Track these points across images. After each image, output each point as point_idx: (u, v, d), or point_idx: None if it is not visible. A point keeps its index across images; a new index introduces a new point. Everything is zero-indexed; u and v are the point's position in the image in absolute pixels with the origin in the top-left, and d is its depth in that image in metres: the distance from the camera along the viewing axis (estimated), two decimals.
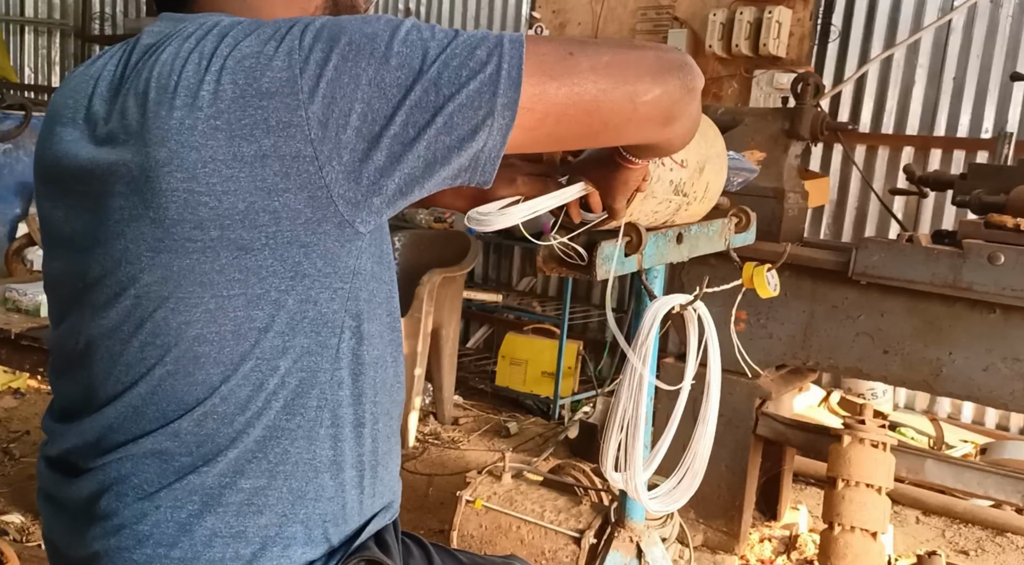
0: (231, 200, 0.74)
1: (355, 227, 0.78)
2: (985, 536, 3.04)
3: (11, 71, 6.18)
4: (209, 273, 0.76)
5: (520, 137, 0.77)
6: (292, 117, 0.72)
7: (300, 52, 0.73)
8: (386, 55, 0.73)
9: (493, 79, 0.74)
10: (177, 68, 0.75)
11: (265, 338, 0.79)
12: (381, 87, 0.72)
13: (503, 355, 4.21)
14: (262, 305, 0.78)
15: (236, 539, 0.83)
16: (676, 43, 4.23)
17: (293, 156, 0.73)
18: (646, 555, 1.68)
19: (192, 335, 0.78)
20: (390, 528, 1.00)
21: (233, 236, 0.75)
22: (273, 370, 0.80)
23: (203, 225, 0.75)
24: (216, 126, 0.73)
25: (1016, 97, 3.67)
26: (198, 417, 0.80)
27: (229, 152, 0.73)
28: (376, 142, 0.73)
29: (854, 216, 4.03)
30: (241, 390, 0.80)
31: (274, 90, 0.72)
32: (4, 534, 2.55)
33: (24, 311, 2.45)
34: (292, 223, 0.75)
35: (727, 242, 1.48)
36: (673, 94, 0.81)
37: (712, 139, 1.28)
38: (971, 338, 2.31)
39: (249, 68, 0.73)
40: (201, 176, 0.73)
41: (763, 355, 2.59)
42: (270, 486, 0.83)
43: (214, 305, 0.77)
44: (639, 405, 1.28)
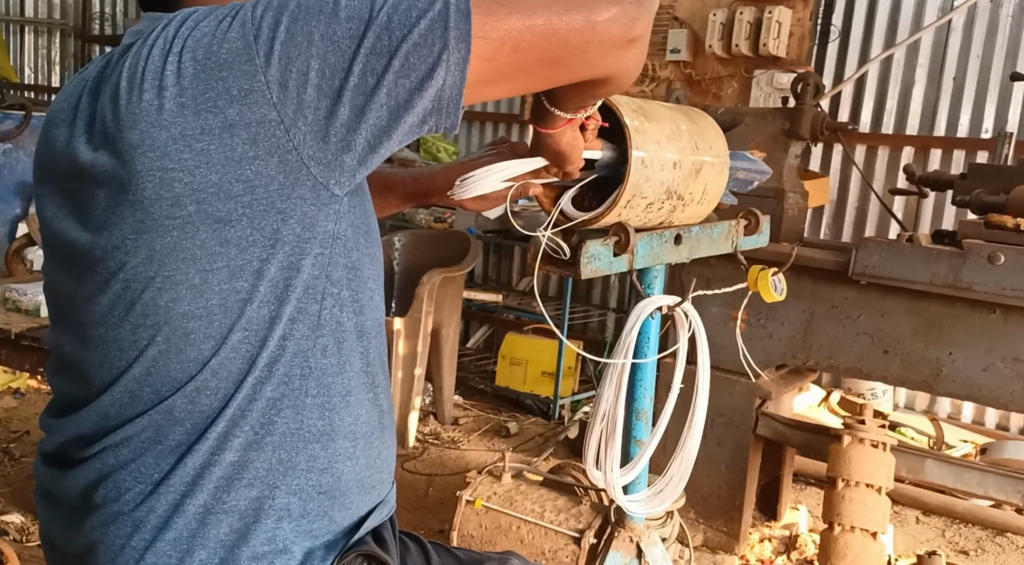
0: (204, 173, 0.75)
1: (330, 189, 0.79)
2: (985, 536, 3.04)
3: (11, 71, 6.18)
4: (190, 248, 0.78)
5: (480, 68, 0.76)
6: (252, 83, 0.74)
7: (252, 22, 0.75)
8: (335, 10, 0.74)
9: (442, 14, 0.73)
10: (143, 56, 0.78)
11: (250, 308, 0.80)
12: (334, 40, 0.73)
13: (503, 355, 4.21)
14: (245, 275, 0.79)
15: (228, 514, 0.83)
16: (676, 43, 4.24)
17: (258, 122, 0.74)
18: (646, 555, 1.68)
19: (180, 312, 0.79)
20: (387, 525, 1.00)
21: (210, 209, 0.76)
22: (261, 341, 0.81)
23: (179, 201, 0.76)
24: (182, 103, 0.75)
25: (1016, 97, 3.67)
26: (191, 393, 0.81)
27: (196, 126, 0.75)
28: (338, 96, 0.74)
29: (854, 216, 4.03)
30: (232, 363, 0.81)
31: (231, 60, 0.74)
32: (4, 534, 2.55)
33: (24, 311, 2.45)
34: (266, 190, 0.77)
35: (734, 244, 1.47)
36: (632, 11, 0.78)
37: (713, 140, 1.28)
38: (971, 338, 2.31)
39: (207, 44, 0.75)
40: (172, 153, 0.75)
41: (763, 355, 2.59)
42: (259, 458, 0.83)
43: (199, 280, 0.78)
44: (618, 401, 1.28)
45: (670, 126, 1.16)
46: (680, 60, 4.27)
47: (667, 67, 4.36)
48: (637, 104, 1.13)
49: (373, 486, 0.95)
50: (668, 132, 1.15)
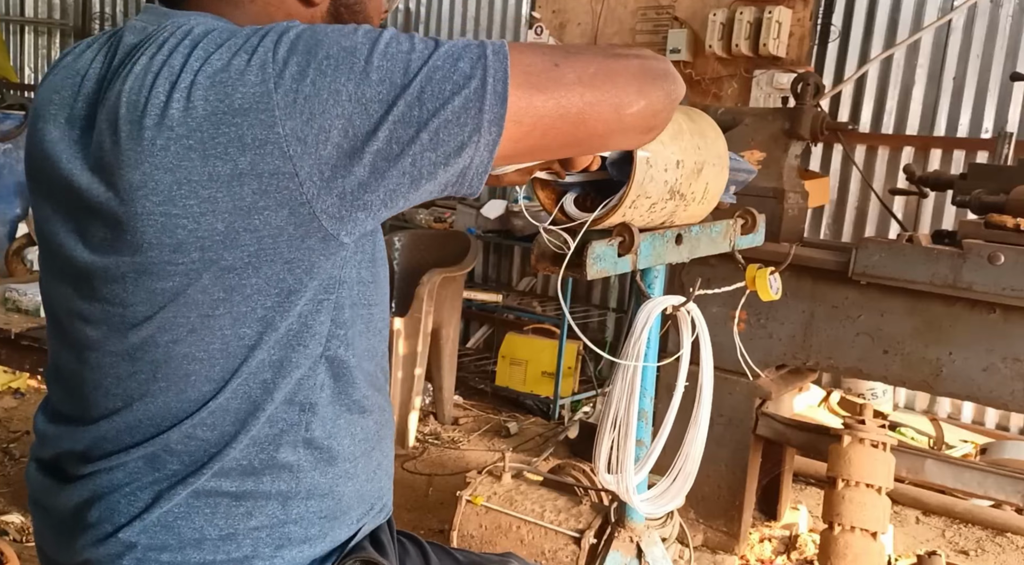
0: (209, 221, 0.72)
1: (339, 239, 0.77)
2: (985, 536, 3.04)
3: (11, 71, 6.18)
4: (192, 294, 0.75)
5: (506, 148, 0.76)
6: (268, 134, 0.70)
7: (274, 66, 0.71)
8: (366, 70, 0.71)
9: (479, 94, 0.72)
10: (148, 85, 0.73)
11: (254, 355, 0.79)
12: (362, 103, 0.70)
13: (503, 355, 4.21)
14: (249, 323, 0.78)
15: (226, 541, 0.83)
16: (676, 43, 4.23)
17: (271, 173, 0.71)
18: (646, 555, 1.68)
19: (181, 353, 0.78)
20: (384, 527, 1.00)
21: (214, 257, 0.74)
22: (262, 383, 0.80)
23: (182, 248, 0.73)
24: (189, 146, 0.71)
25: (1016, 97, 3.67)
26: (187, 429, 0.80)
27: (204, 172, 0.71)
28: (359, 157, 0.72)
29: (854, 216, 4.03)
30: (230, 403, 0.80)
31: (248, 106, 0.70)
32: (4, 534, 2.55)
33: (24, 311, 2.45)
34: (274, 240, 0.74)
35: (732, 243, 1.48)
36: (656, 105, 0.82)
37: (713, 140, 1.28)
38: (971, 338, 2.31)
39: (220, 83, 0.71)
40: (177, 198, 0.72)
41: (763, 355, 2.59)
42: (258, 490, 0.83)
43: (200, 325, 0.77)
44: (631, 405, 1.28)
45: (672, 125, 1.16)
46: (680, 60, 4.27)
47: None
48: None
49: (373, 497, 0.95)
50: (671, 131, 1.15)
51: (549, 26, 4.69)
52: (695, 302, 1.37)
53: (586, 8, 4.59)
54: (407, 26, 5.14)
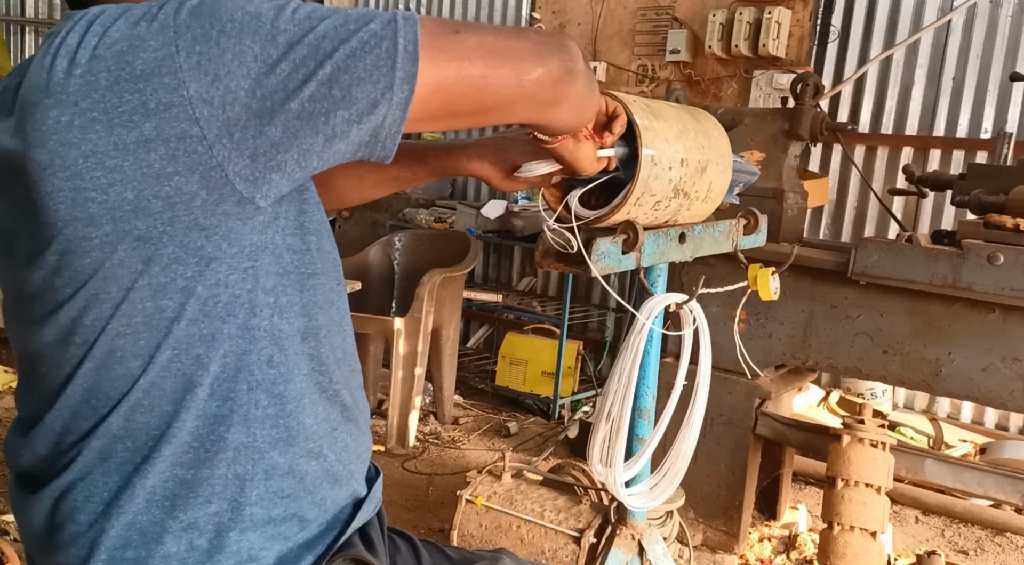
0: (118, 191, 0.72)
1: (255, 203, 0.76)
2: (984, 536, 3.05)
3: None
4: (110, 267, 0.75)
5: (416, 109, 0.76)
6: (173, 97, 0.70)
7: (176, 30, 0.70)
8: (272, 32, 0.70)
9: (390, 53, 0.72)
10: (47, 65, 0.73)
11: (178, 327, 0.78)
12: (269, 63, 0.70)
13: (503, 355, 4.21)
14: (169, 294, 0.77)
15: (188, 530, 0.82)
16: (676, 44, 4.24)
17: (178, 137, 0.70)
18: (648, 553, 1.69)
19: (106, 329, 0.78)
20: (375, 522, 0.99)
21: (127, 227, 0.73)
22: (194, 359, 0.79)
23: (95, 221, 0.73)
24: (93, 118, 0.71)
25: (1015, 97, 3.67)
26: (125, 412, 0.80)
27: (109, 142, 0.71)
28: (270, 117, 0.71)
29: (853, 216, 4.03)
30: (164, 381, 0.79)
31: (150, 71, 0.70)
32: (4, 534, 2.55)
33: None
34: (188, 207, 0.73)
35: (734, 243, 1.48)
36: (555, 72, 0.83)
37: (716, 139, 1.28)
38: (970, 338, 2.31)
39: (120, 52, 0.70)
40: (84, 171, 0.72)
41: (763, 355, 2.59)
42: (213, 474, 0.82)
43: (121, 298, 0.76)
44: (626, 399, 1.29)
45: (677, 124, 1.16)
46: (680, 60, 4.27)
47: (667, 67, 4.37)
48: (645, 102, 1.14)
49: (346, 477, 0.93)
50: (675, 130, 1.15)
51: (549, 26, 4.69)
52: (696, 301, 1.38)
53: (586, 8, 4.59)
54: None
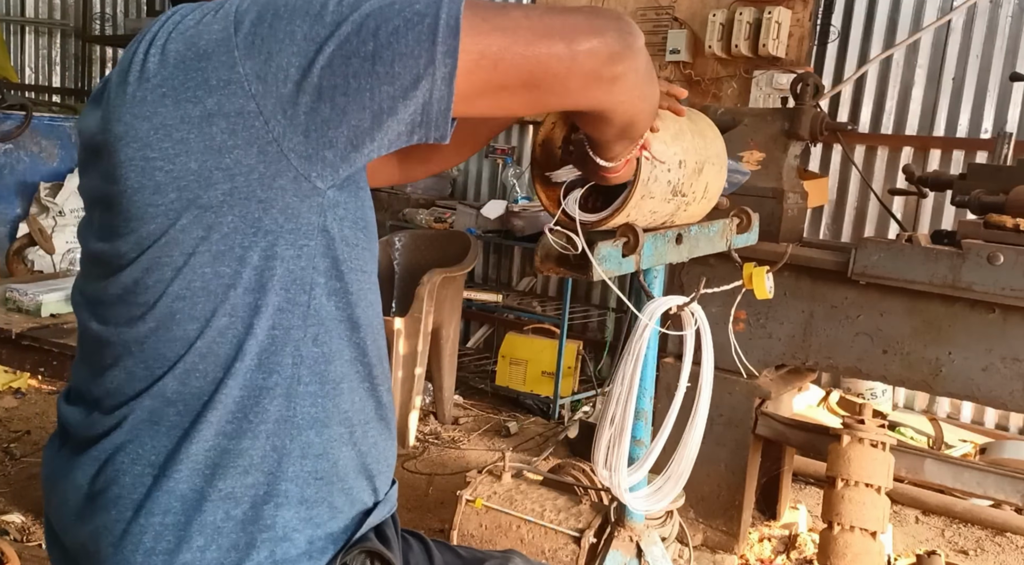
0: (183, 161, 0.78)
1: (312, 181, 0.80)
2: (984, 536, 3.05)
3: (11, 71, 6.18)
4: (173, 232, 0.80)
5: (462, 83, 0.76)
6: (230, 74, 0.75)
7: (236, 15, 0.77)
8: (320, 12, 0.75)
9: (432, 27, 0.74)
10: (132, 51, 0.82)
11: (234, 294, 0.82)
12: (316, 41, 0.74)
13: (503, 355, 4.21)
14: (227, 261, 0.81)
15: (225, 500, 0.84)
16: (676, 44, 4.24)
17: (237, 112, 0.76)
18: (646, 554, 1.69)
19: (167, 293, 0.82)
20: (389, 522, 1.00)
21: (191, 196, 0.78)
22: (247, 327, 0.83)
23: (160, 189, 0.79)
24: (163, 93, 0.78)
25: (1015, 97, 3.67)
26: (180, 374, 0.83)
27: (176, 115, 0.77)
28: (318, 94, 0.75)
29: (853, 216, 4.03)
30: (218, 347, 0.82)
31: (211, 50, 0.76)
32: (4, 534, 2.55)
33: (24, 311, 2.44)
34: (247, 179, 0.78)
35: (728, 243, 1.49)
36: (611, 44, 0.79)
37: (711, 139, 1.28)
38: (970, 338, 2.31)
39: (189, 36, 0.78)
40: (154, 142, 0.78)
41: (763, 355, 2.59)
42: (253, 446, 0.84)
43: (182, 262, 0.80)
44: (628, 403, 1.29)
45: (673, 125, 1.16)
46: (680, 60, 4.27)
47: (667, 67, 4.37)
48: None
49: (373, 474, 0.95)
50: (672, 131, 1.15)
51: None
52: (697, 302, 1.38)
53: None
54: None
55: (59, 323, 2.38)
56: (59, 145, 5.31)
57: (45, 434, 3.41)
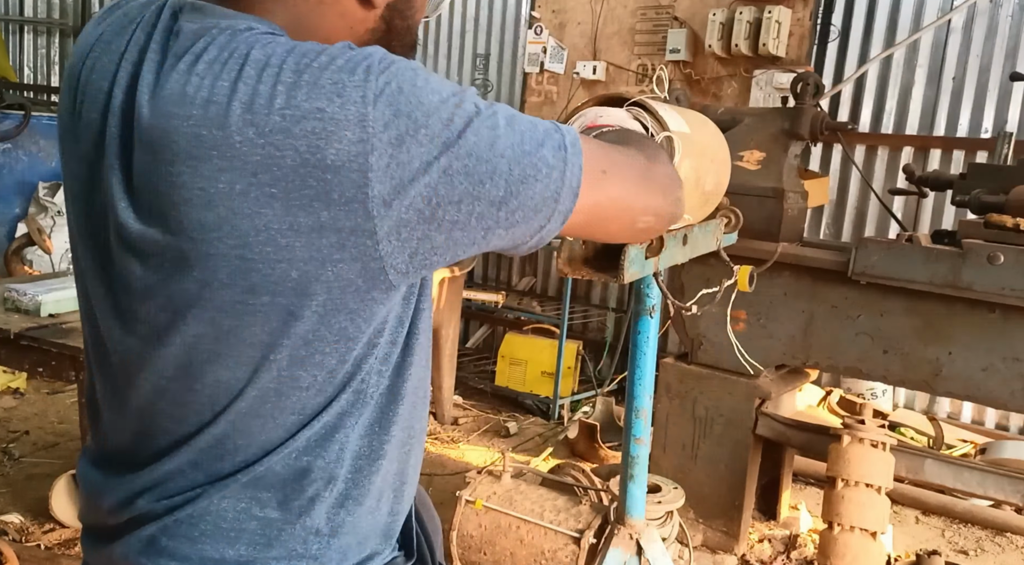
0: (284, 268, 0.72)
1: (398, 288, 0.78)
2: (985, 536, 3.04)
3: (11, 71, 6.17)
4: (258, 334, 0.76)
5: (565, 227, 0.82)
6: (357, 193, 0.70)
7: (372, 124, 0.69)
8: (458, 143, 0.72)
9: (557, 187, 0.77)
10: (217, 118, 0.69)
11: (307, 395, 0.80)
12: (449, 174, 0.71)
13: (503, 355, 4.21)
14: (306, 367, 0.78)
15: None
16: (675, 43, 4.24)
17: (351, 229, 0.71)
18: (646, 552, 1.68)
19: (237, 390, 0.79)
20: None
21: (284, 302, 0.74)
22: (309, 418, 0.81)
23: (255, 290, 0.73)
24: (272, 194, 0.69)
25: (1016, 97, 3.67)
26: (240, 464, 0.82)
27: (285, 221, 0.70)
28: (437, 225, 0.73)
29: (854, 216, 4.03)
30: (272, 441, 0.81)
31: (340, 164, 0.69)
32: (4, 534, 2.55)
33: (24, 311, 2.44)
34: (343, 292, 0.75)
35: (718, 242, 1.49)
36: (675, 212, 0.94)
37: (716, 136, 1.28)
38: (971, 338, 2.31)
39: (312, 134, 0.68)
40: (254, 244, 0.71)
41: (763, 355, 2.59)
42: (295, 528, 0.84)
43: (258, 366, 0.77)
44: None
45: (688, 116, 1.17)
46: (680, 60, 4.27)
47: (667, 67, 4.36)
48: (676, 110, 1.14)
49: (395, 533, 0.96)
50: (695, 135, 1.16)
51: (549, 26, 4.69)
52: (697, 303, 1.38)
53: (586, 8, 4.59)
54: None
55: (58, 323, 2.37)
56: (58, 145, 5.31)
57: (44, 434, 3.41)
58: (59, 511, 2.62)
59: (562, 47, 4.65)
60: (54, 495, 2.62)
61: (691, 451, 2.70)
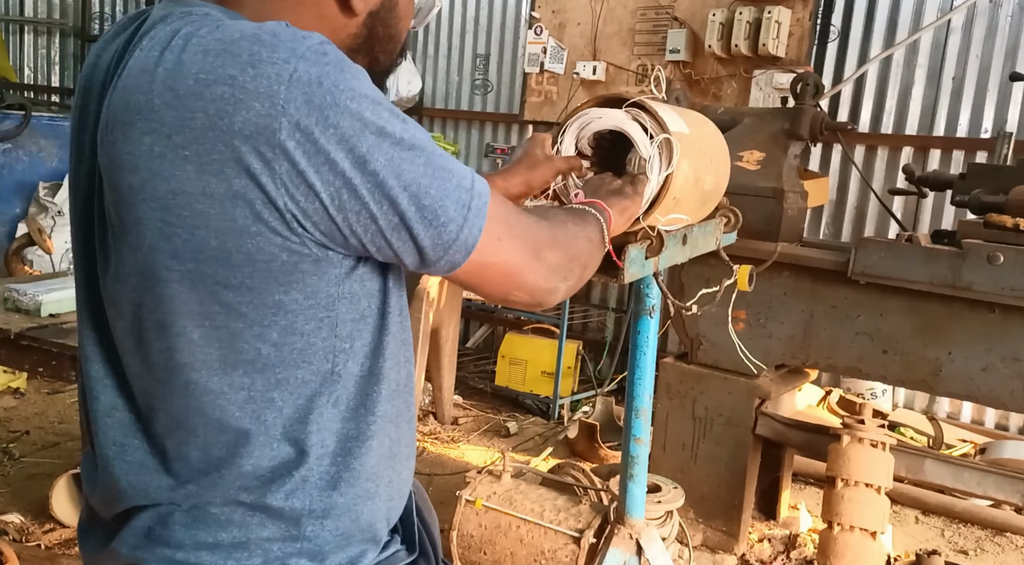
0: (202, 235, 0.72)
1: (331, 261, 0.78)
2: (984, 536, 3.04)
3: (11, 71, 6.18)
4: (189, 303, 0.76)
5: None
6: (265, 166, 0.70)
7: (283, 103, 0.69)
8: (366, 159, 0.72)
9: (451, 239, 0.78)
10: (144, 85, 0.73)
11: (254, 370, 0.79)
12: (352, 187, 0.72)
13: (503, 355, 4.21)
14: (246, 338, 0.77)
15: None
16: (675, 43, 4.24)
17: (264, 202, 0.71)
18: (646, 552, 1.69)
19: (182, 363, 0.78)
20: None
21: (209, 271, 0.74)
22: (268, 402, 0.80)
23: (178, 255, 0.74)
24: (185, 157, 0.71)
25: (1015, 97, 3.67)
26: (201, 445, 0.81)
27: (199, 185, 0.71)
28: (336, 225, 0.74)
29: (853, 216, 4.03)
30: (239, 421, 0.80)
31: (248, 133, 0.69)
32: (4, 534, 2.55)
33: (24, 311, 2.44)
34: (268, 266, 0.74)
35: (718, 242, 1.49)
36: (541, 297, 0.89)
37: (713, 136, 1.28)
38: (970, 338, 2.31)
39: (221, 98, 0.70)
40: (173, 208, 0.72)
41: (763, 355, 2.59)
42: (269, 516, 0.83)
43: (197, 336, 0.77)
44: None
45: (686, 116, 1.17)
46: (679, 60, 4.27)
47: (666, 67, 4.36)
48: (675, 110, 1.14)
49: (393, 519, 0.95)
50: (694, 136, 1.16)
51: (548, 26, 4.69)
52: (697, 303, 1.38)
53: (585, 8, 4.59)
54: None
55: (58, 323, 2.37)
56: (58, 145, 5.30)
57: (44, 434, 3.41)
58: (59, 511, 2.63)
59: (562, 47, 4.65)
60: (54, 495, 2.62)
61: (691, 451, 2.70)
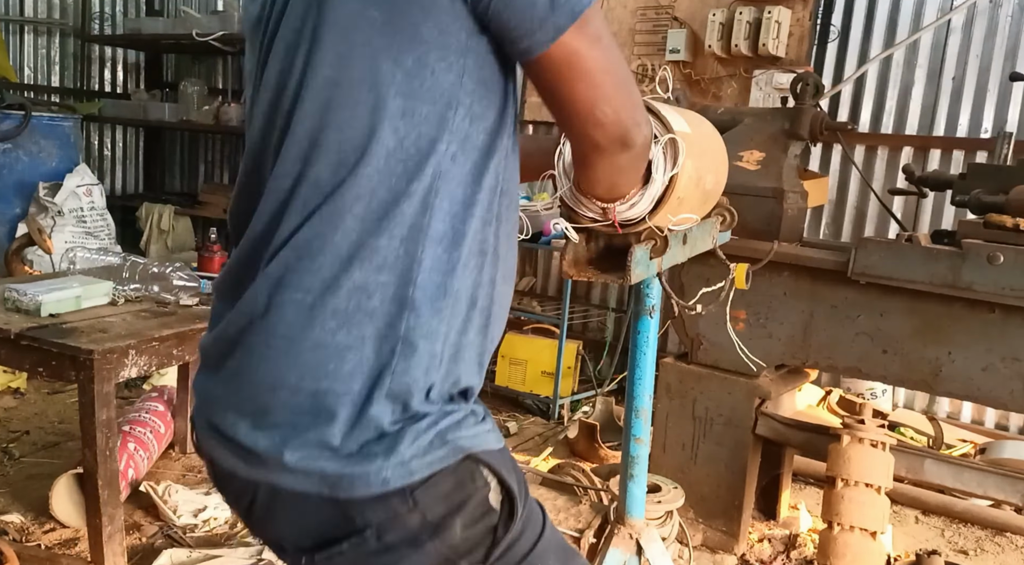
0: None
1: (459, 11, 0.85)
2: (984, 536, 3.05)
3: (11, 71, 6.17)
4: (344, 16, 0.86)
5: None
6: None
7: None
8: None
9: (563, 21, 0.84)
10: None
11: (388, 93, 0.86)
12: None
13: (503, 355, 4.21)
14: (382, 58, 0.86)
15: (358, 291, 0.89)
16: (675, 43, 4.24)
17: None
18: (646, 552, 1.69)
19: (328, 77, 0.87)
20: None
21: (399, 20, 0.84)
22: (393, 130, 0.87)
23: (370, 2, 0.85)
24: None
25: (1015, 97, 3.67)
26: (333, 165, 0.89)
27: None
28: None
29: (853, 216, 4.03)
30: (365, 140, 0.88)
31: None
32: (4, 534, 2.55)
33: (24, 311, 2.44)
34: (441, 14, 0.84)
35: (714, 241, 1.49)
36: (625, 126, 0.91)
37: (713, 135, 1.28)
38: (970, 338, 2.31)
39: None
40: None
41: (763, 355, 2.59)
42: (388, 245, 0.89)
43: (344, 49, 0.87)
44: None
45: (686, 116, 1.17)
46: (679, 60, 4.27)
47: (667, 67, 4.36)
48: (676, 110, 1.14)
49: (490, 322, 1.05)
50: (695, 135, 1.16)
51: None
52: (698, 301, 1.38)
53: None
54: None
55: (58, 323, 2.37)
56: (58, 145, 5.30)
57: (44, 434, 3.41)
58: (59, 511, 2.63)
59: None
60: (54, 495, 2.62)
61: (691, 451, 2.70)
